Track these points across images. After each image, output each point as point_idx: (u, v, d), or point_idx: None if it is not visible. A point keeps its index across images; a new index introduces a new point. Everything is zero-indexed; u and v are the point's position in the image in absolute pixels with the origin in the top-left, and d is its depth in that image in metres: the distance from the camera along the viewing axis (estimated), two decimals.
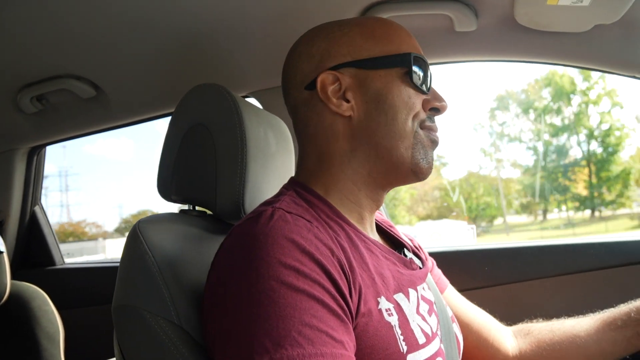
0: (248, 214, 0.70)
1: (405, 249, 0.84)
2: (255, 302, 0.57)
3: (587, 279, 1.26)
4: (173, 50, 1.24)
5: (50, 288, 1.56)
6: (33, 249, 1.94)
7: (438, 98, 0.78)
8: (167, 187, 0.90)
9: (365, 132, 0.75)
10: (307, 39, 0.80)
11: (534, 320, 1.02)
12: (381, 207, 1.32)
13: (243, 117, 0.84)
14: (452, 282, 1.03)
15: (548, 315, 1.05)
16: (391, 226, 0.93)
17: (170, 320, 0.69)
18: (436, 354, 0.70)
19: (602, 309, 0.98)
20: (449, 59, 1.24)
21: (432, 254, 1.05)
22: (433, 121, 0.79)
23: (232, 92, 0.87)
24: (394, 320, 0.66)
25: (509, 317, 1.07)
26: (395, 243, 0.88)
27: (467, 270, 1.36)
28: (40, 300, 1.51)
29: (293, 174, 0.98)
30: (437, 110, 0.79)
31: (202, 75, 1.34)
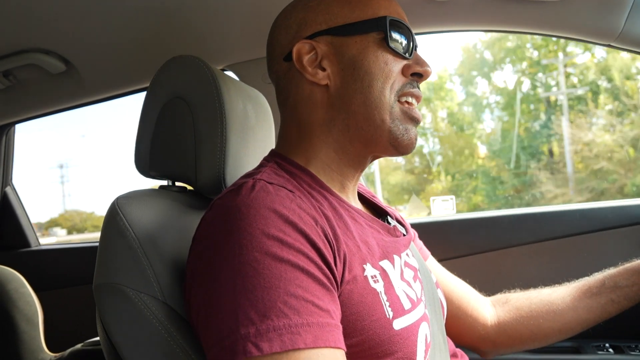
0: (229, 186, 0.69)
1: (388, 217, 0.84)
2: (239, 273, 0.56)
3: (563, 245, 1.30)
4: (147, 21, 1.20)
5: (26, 270, 1.54)
6: (6, 231, 1.89)
7: (420, 62, 0.76)
8: (144, 162, 0.88)
9: (342, 100, 0.74)
10: (286, 11, 0.79)
11: (512, 290, 1.04)
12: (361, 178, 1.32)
13: (221, 89, 0.82)
14: (433, 252, 1.04)
15: (526, 281, 1.07)
16: (373, 196, 0.93)
17: (154, 297, 0.68)
18: (421, 319, 0.71)
19: (577, 274, 1.02)
20: (427, 29, 1.23)
21: (413, 225, 1.06)
22: (414, 86, 0.76)
23: (209, 64, 0.85)
24: (379, 286, 0.67)
25: (488, 284, 1.10)
26: (378, 211, 0.89)
27: (446, 239, 1.38)
28: (16, 282, 1.48)
29: (273, 147, 0.97)
30: (420, 76, 0.77)
31: (178, 48, 1.30)
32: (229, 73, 1.41)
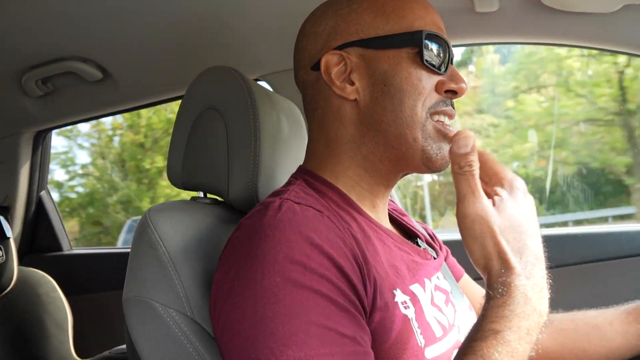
0: (256, 205, 0.67)
1: (418, 239, 0.81)
2: (260, 300, 0.55)
3: (609, 267, 1.24)
4: (182, 31, 1.21)
5: (57, 274, 1.56)
6: (40, 235, 1.93)
7: (455, 79, 0.71)
8: (177, 173, 0.87)
9: (372, 118, 0.70)
10: (315, 16, 0.76)
11: (554, 311, 0.99)
12: (393, 194, 1.28)
13: (256, 100, 0.81)
14: (468, 271, 1.00)
15: (567, 305, 1.02)
16: (403, 214, 0.90)
17: (182, 313, 0.67)
18: (454, 347, 0.67)
19: (623, 299, 0.95)
20: (469, 41, 1.20)
21: (446, 242, 1.02)
22: (448, 104, 0.71)
23: (244, 75, 0.84)
24: (410, 313, 0.64)
25: None
26: (408, 233, 0.85)
27: None
28: (48, 286, 1.50)
29: None
30: (454, 93, 0.72)
31: (212, 58, 1.31)
32: (263, 83, 1.41)
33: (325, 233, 0.59)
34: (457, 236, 1.44)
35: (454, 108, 0.73)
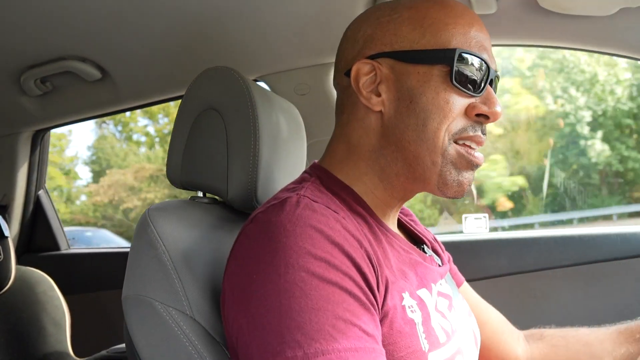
0: (270, 199, 0.66)
1: (424, 246, 0.81)
2: (285, 294, 0.54)
3: (601, 269, 1.24)
4: (181, 32, 1.21)
5: (55, 273, 1.55)
6: (38, 234, 1.93)
7: (489, 102, 0.67)
8: (176, 173, 0.88)
9: (394, 132, 0.69)
10: (359, 20, 0.74)
11: (547, 326, 1.00)
12: None
13: (255, 101, 0.81)
14: (463, 272, 1.01)
15: (559, 306, 1.03)
16: (409, 215, 0.90)
17: (182, 312, 0.67)
18: (457, 352, 0.68)
19: (615, 301, 0.96)
20: None
21: (443, 243, 1.03)
22: (477, 130, 0.68)
23: (244, 75, 0.84)
24: (417, 317, 0.64)
25: (520, 307, 1.06)
26: (414, 238, 0.85)
27: (478, 259, 1.34)
28: (45, 285, 1.50)
29: (305, 161, 0.95)
30: (487, 118, 0.68)
31: (211, 58, 1.31)
32: (261, 84, 1.41)
33: (342, 233, 0.59)
34: (453, 237, 1.45)
35: (484, 134, 0.69)
